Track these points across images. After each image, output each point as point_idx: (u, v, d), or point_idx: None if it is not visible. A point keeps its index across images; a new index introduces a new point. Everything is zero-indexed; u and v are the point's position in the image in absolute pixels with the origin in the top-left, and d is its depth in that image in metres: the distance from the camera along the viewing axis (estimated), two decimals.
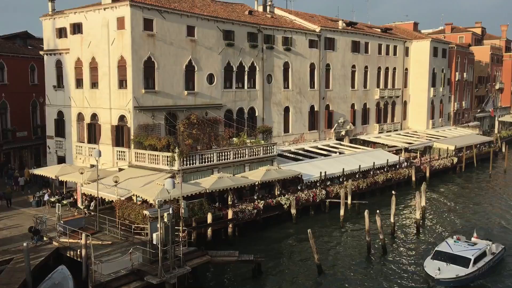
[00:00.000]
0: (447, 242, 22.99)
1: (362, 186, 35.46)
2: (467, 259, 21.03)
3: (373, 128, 51.18)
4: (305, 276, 22.42)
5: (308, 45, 42.39)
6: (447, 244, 22.67)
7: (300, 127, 42.49)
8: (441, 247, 22.44)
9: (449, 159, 47.03)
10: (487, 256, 22.13)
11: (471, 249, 21.86)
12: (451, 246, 22.27)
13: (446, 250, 21.95)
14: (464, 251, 21.57)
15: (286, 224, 29.88)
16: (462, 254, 21.29)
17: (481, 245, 22.47)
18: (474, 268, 20.71)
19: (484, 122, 72.17)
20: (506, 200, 37.22)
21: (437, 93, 57.57)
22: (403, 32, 59.18)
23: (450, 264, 20.88)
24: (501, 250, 23.69)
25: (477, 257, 21.28)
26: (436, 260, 21.48)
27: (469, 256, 21.15)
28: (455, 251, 21.73)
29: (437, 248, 22.55)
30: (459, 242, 22.82)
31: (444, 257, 21.48)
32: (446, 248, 22.23)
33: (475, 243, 22.80)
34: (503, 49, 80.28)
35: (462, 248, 21.95)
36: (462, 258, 21.12)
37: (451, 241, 22.95)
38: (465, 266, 20.72)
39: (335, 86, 45.72)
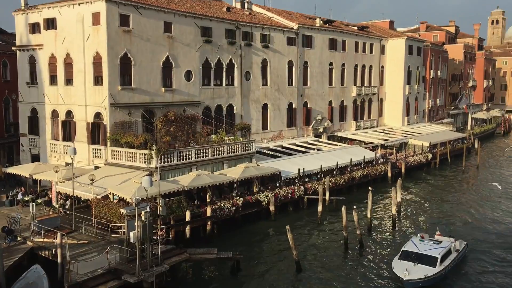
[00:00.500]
0: (413, 241, 22.83)
1: (339, 182, 35.87)
2: (434, 258, 20.94)
3: (350, 125, 51.80)
4: (284, 272, 22.58)
5: (286, 43, 42.54)
6: (413, 243, 22.51)
7: (278, 124, 42.66)
8: (407, 247, 22.22)
9: (424, 155, 48.02)
10: (452, 254, 22.20)
11: (437, 248, 21.82)
12: (417, 245, 22.12)
13: (413, 250, 21.77)
14: (431, 250, 21.51)
15: (265, 221, 30.00)
16: (428, 253, 21.21)
17: (446, 243, 22.51)
18: (441, 267, 20.72)
19: (457, 119, 73.92)
20: (476, 196, 38.23)
21: (412, 91, 58.64)
22: (379, 30, 60.02)
23: (418, 264, 20.71)
24: (464, 246, 23.85)
25: (443, 256, 21.28)
26: (403, 261, 21.25)
27: (436, 255, 21.08)
28: (421, 250, 21.61)
29: (403, 248, 22.29)
30: (425, 240, 22.78)
31: (411, 257, 21.28)
32: (413, 247, 22.05)
33: (440, 241, 22.79)
34: (476, 48, 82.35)
35: (428, 247, 21.87)
36: (429, 257, 21.01)
37: (417, 240, 22.83)
38: (433, 265, 20.67)
39: (313, 83, 46.06)
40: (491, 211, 32.88)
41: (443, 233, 24.66)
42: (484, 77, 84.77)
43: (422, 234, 23.84)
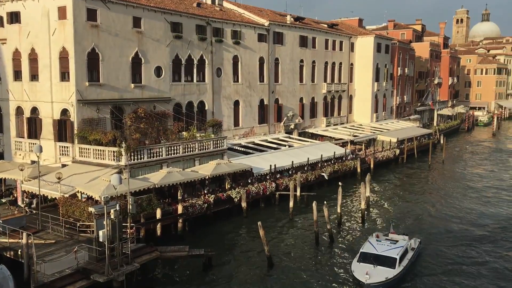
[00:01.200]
0: (370, 241, 22.44)
1: (310, 178, 36.29)
2: (392, 259, 20.61)
3: (321, 122, 52.44)
4: (256, 268, 22.71)
5: (257, 39, 42.61)
6: (371, 244, 22.09)
7: (250, 120, 42.74)
8: (365, 248, 21.75)
9: (392, 151, 49.16)
10: (409, 253, 22.05)
11: (395, 248, 21.47)
12: (375, 246, 21.70)
13: (371, 251, 21.32)
14: (389, 251, 21.15)
15: (237, 217, 30.06)
16: (387, 254, 20.87)
17: (403, 242, 22.25)
18: (400, 268, 20.47)
19: (424, 115, 75.94)
20: (440, 191, 39.41)
21: (380, 88, 59.85)
22: (349, 28, 60.88)
23: (377, 266, 20.33)
24: (418, 244, 23.75)
25: (402, 256, 21.02)
26: (362, 263, 20.81)
27: (394, 255, 20.75)
28: (380, 251, 21.20)
29: (361, 249, 21.81)
30: (382, 241, 22.43)
31: (370, 259, 20.84)
32: (371, 248, 21.59)
33: (396, 240, 22.54)
34: (441, 46, 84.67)
35: (386, 248, 21.49)
36: (388, 258, 20.67)
37: (374, 240, 22.45)
38: (392, 266, 20.34)
39: (284, 80, 46.34)
40: (450, 207, 33.61)
41: (397, 231, 24.48)
42: (449, 74, 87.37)
43: (377, 234, 23.53)
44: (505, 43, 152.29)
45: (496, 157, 55.16)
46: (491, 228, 28.46)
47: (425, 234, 27.18)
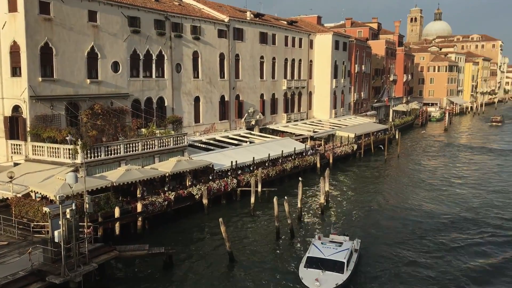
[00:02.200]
0: (315, 245, 21.61)
1: (271, 174, 36.62)
2: (340, 263, 20.04)
3: (281, 118, 52.95)
4: (217, 264, 22.73)
5: (217, 35, 42.41)
6: (316, 247, 21.30)
7: (211, 117, 42.54)
8: (311, 253, 20.92)
9: (350, 146, 50.38)
10: (354, 255, 21.49)
11: (341, 251, 20.86)
12: (321, 250, 20.96)
13: (318, 256, 20.53)
14: (336, 254, 20.54)
15: (198, 214, 29.92)
16: (334, 258, 20.27)
17: (347, 244, 21.67)
18: (349, 272, 19.90)
19: (380, 111, 78.20)
20: (394, 185, 40.81)
21: (338, 84, 61.10)
22: (308, 25, 61.69)
23: (326, 271, 19.61)
24: (360, 244, 23.16)
25: (348, 259, 20.44)
26: (310, 269, 19.96)
27: (342, 259, 20.17)
28: (326, 255, 20.50)
29: (308, 254, 20.94)
30: (326, 243, 21.68)
31: (318, 263, 20.09)
32: (317, 253, 20.81)
33: (340, 242, 21.94)
34: (396, 44, 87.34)
35: (332, 251, 20.82)
36: (335, 262, 20.06)
37: (319, 243, 21.64)
38: (340, 271, 19.72)
39: (244, 76, 46.40)
40: (402, 202, 34.30)
41: (338, 232, 24.12)
42: (404, 71, 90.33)
43: (319, 235, 22.85)
44: (456, 42, 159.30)
45: (448, 151, 57.68)
46: (439, 223, 29.07)
47: (373, 230, 27.47)
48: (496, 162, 50.09)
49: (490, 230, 27.46)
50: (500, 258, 23.52)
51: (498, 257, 23.63)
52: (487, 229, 27.75)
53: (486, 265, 22.60)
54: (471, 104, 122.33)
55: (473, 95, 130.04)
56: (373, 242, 25.62)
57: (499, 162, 50.02)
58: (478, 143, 64.35)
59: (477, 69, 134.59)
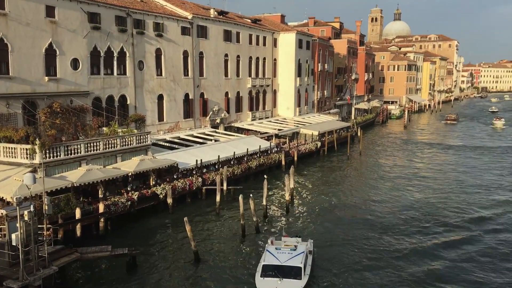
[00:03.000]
0: (269, 251, 20.50)
1: (236, 172, 36.64)
2: (297, 268, 19.15)
3: (246, 116, 53.03)
4: (182, 264, 22.54)
5: (180, 32, 41.94)
6: (271, 254, 20.23)
7: (175, 115, 42.05)
8: (267, 260, 19.79)
9: (314, 143, 51.11)
10: (309, 258, 20.77)
11: (296, 255, 19.97)
12: (276, 256, 19.95)
13: (274, 263, 19.48)
14: (292, 259, 19.63)
15: (163, 213, 29.56)
16: (291, 264, 19.34)
17: (302, 247, 20.85)
18: (306, 277, 19.18)
19: (343, 109, 79.77)
20: (356, 181, 41.78)
21: (302, 83, 61.82)
22: (271, 23, 62.02)
23: (283, 278, 18.67)
24: (313, 245, 22.48)
25: (305, 263, 19.70)
26: (267, 278, 18.95)
27: (299, 264, 19.30)
28: (282, 261, 19.53)
29: (263, 262, 19.77)
30: (281, 248, 20.76)
31: (274, 271, 19.05)
32: (272, 259, 19.75)
33: (295, 245, 21.04)
34: (358, 43, 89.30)
35: (287, 256, 19.89)
36: (292, 268, 19.16)
37: (273, 249, 20.64)
38: (298, 277, 18.88)
39: (209, 74, 46.14)
40: (363, 198, 34.92)
41: (290, 234, 23.48)
42: (365, 70, 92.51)
43: (271, 240, 21.91)
44: (415, 41, 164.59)
45: (407, 148, 59.55)
46: (397, 220, 29.29)
47: (334, 228, 27.46)
48: (452, 158, 52.16)
49: (448, 226, 28.25)
50: (457, 254, 24.40)
51: (455, 253, 24.44)
52: (445, 224, 28.60)
53: (444, 262, 23.19)
54: (429, 102, 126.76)
55: (431, 94, 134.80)
56: (332, 240, 25.58)
57: (455, 158, 52.11)
58: (435, 140, 66.78)
59: (435, 68, 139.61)
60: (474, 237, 26.35)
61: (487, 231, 27.37)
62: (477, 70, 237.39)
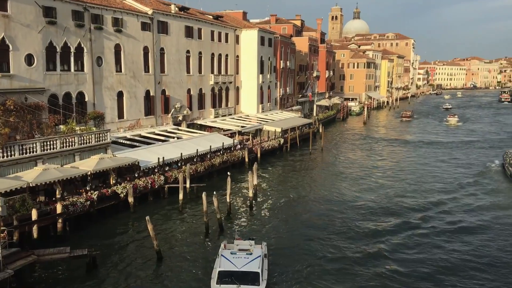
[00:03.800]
0: (224, 256, 19.43)
1: (200, 169, 36.40)
2: (255, 273, 18.30)
3: (209, 113, 52.74)
4: (144, 263, 22.21)
5: (140, 28, 41.11)
6: (226, 259, 19.21)
7: (135, 112, 41.24)
8: (223, 266, 18.75)
9: (277, 140, 51.53)
10: (265, 261, 19.94)
11: (253, 259, 19.09)
12: (232, 261, 18.96)
13: (230, 269, 18.52)
14: (248, 264, 18.74)
15: (124, 213, 28.98)
16: (248, 269, 18.47)
17: (257, 251, 19.96)
18: (264, 282, 18.44)
19: (305, 106, 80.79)
20: (317, 178, 42.52)
21: (265, 80, 62.12)
22: (233, 20, 61.89)
23: (241, 285, 17.87)
24: (266, 248, 21.71)
25: (261, 267, 18.92)
26: (223, 285, 18.05)
27: (256, 269, 18.46)
28: (239, 266, 18.58)
29: (219, 268, 18.70)
30: (236, 252, 19.71)
31: (231, 278, 18.17)
32: (228, 265, 18.76)
33: (248, 249, 20.11)
34: (319, 41, 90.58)
35: (244, 261, 18.96)
36: (250, 274, 18.28)
37: (228, 254, 19.59)
38: (256, 283, 18.08)
39: (170, 70, 45.52)
40: (323, 195, 35.52)
41: (242, 237, 22.81)
42: (326, 68, 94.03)
43: (224, 243, 20.98)
44: (373, 40, 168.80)
45: (366, 144, 61.09)
46: (358, 215, 29.49)
47: (295, 225, 27.47)
48: (409, 153, 53.99)
49: (406, 220, 29.05)
50: (415, 246, 25.22)
51: (413, 246, 25.17)
52: (403, 218, 29.35)
53: (402, 256, 23.69)
54: (387, 99, 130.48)
55: (389, 91, 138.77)
56: (292, 240, 25.19)
57: (411, 153, 53.96)
58: (393, 136, 68.86)
59: (392, 66, 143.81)
60: (432, 229, 27.35)
61: (445, 222, 28.49)
62: (433, 68, 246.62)
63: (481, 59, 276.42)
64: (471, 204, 32.38)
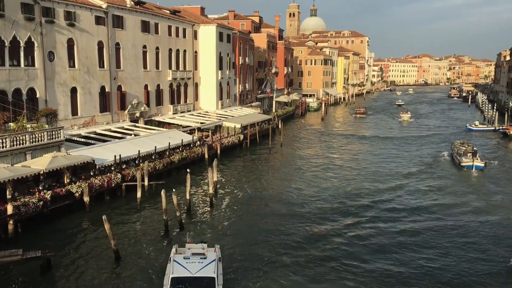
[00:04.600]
0: (176, 261, 18.11)
1: (158, 166, 35.86)
2: (210, 279, 17.23)
3: (168, 109, 52.00)
4: (101, 264, 21.66)
5: (94, 22, 39.87)
6: (179, 264, 17.93)
7: (90, 109, 40.02)
8: (176, 272, 17.44)
9: (237, 136, 51.57)
10: (219, 265, 18.88)
11: (208, 264, 17.96)
12: (186, 267, 17.74)
13: (184, 275, 17.31)
14: (203, 269, 17.63)
15: (79, 213, 28.12)
16: (203, 275, 17.35)
17: (211, 254, 18.80)
18: (220, 287, 17.58)
19: (264, 102, 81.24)
20: (277, 173, 42.98)
21: (224, 76, 61.92)
22: (191, 15, 61.22)
23: None
24: (219, 250, 20.49)
25: (217, 271, 17.88)
26: None
27: (212, 274, 17.39)
28: (194, 272, 17.42)
29: (171, 274, 17.35)
30: (189, 257, 18.43)
31: (185, 284, 17.04)
32: (182, 271, 17.52)
33: (202, 253, 18.80)
34: (277, 37, 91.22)
35: (198, 266, 17.81)
36: (205, 279, 17.22)
37: (180, 259, 18.30)
38: None
39: (126, 66, 44.46)
40: (283, 191, 36.16)
41: (195, 240, 21.70)
42: (285, 64, 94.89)
43: (175, 248, 19.79)
44: (330, 37, 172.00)
45: (324, 139, 62.28)
46: (314, 210, 29.55)
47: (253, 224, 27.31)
48: (365, 148, 55.55)
49: (362, 212, 29.89)
50: (372, 239, 26.02)
51: (370, 239, 25.94)
52: (359, 211, 30.20)
53: (360, 249, 24.31)
54: (344, 95, 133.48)
55: (345, 87, 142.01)
56: (251, 239, 24.78)
57: (367, 148, 55.54)
58: (349, 132, 70.52)
59: (348, 63, 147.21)
60: (387, 211, 29.32)
61: (400, 204, 31.00)
62: (386, 65, 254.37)
63: (432, 57, 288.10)
64: (423, 189, 35.26)
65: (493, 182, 37.72)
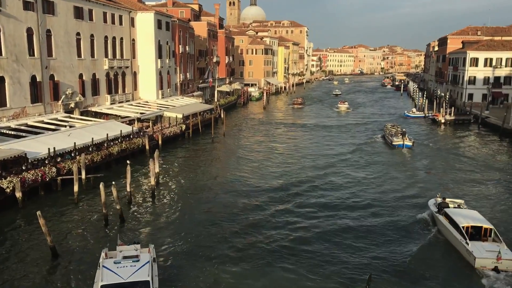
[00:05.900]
0: (106, 267, 16.74)
1: (96, 159, 34.59)
2: (144, 283, 16.16)
3: (105, 99, 50.11)
4: (38, 262, 20.67)
5: (22, 7, 37.34)
6: (109, 270, 16.57)
7: (20, 100, 37.64)
8: (106, 279, 16.09)
9: (178, 126, 50.83)
10: (154, 267, 17.95)
11: (141, 267, 16.78)
12: (117, 272, 16.42)
13: (115, 281, 15.98)
14: (136, 273, 16.41)
15: (11, 209, 26.55)
16: (136, 279, 16.17)
17: (145, 256, 17.63)
18: None
19: (206, 91, 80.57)
20: (219, 163, 43.05)
21: (164, 65, 60.58)
22: (128, 2, 59.02)
23: None
24: (154, 250, 19.54)
25: (152, 275, 16.83)
26: None
27: (146, 278, 16.29)
28: (125, 277, 16.16)
29: (101, 282, 16.01)
30: (120, 261, 17.13)
31: None
32: (113, 277, 16.17)
33: (135, 255, 17.64)
34: (217, 26, 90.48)
35: (130, 270, 16.54)
36: (139, 284, 16.11)
37: (110, 263, 16.95)
38: None
39: (59, 54, 42.18)
40: (226, 182, 36.35)
41: (125, 242, 20.82)
42: (226, 53, 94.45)
43: (105, 252, 18.38)
44: (270, 27, 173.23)
45: (266, 128, 63.04)
46: (257, 201, 29.48)
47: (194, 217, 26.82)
48: (305, 136, 56.99)
49: (305, 199, 30.69)
50: (318, 226, 26.87)
51: (316, 227, 26.81)
52: (302, 198, 31.00)
53: (303, 236, 24.99)
54: (285, 84, 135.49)
55: (286, 76, 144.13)
56: (192, 234, 24.02)
57: (307, 136, 57.02)
58: (290, 120, 71.89)
59: (288, 53, 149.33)
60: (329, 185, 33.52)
61: (339, 178, 35.50)
62: (325, 55, 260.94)
63: (367, 47, 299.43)
64: (361, 164, 41.15)
65: (418, 158, 43.94)
